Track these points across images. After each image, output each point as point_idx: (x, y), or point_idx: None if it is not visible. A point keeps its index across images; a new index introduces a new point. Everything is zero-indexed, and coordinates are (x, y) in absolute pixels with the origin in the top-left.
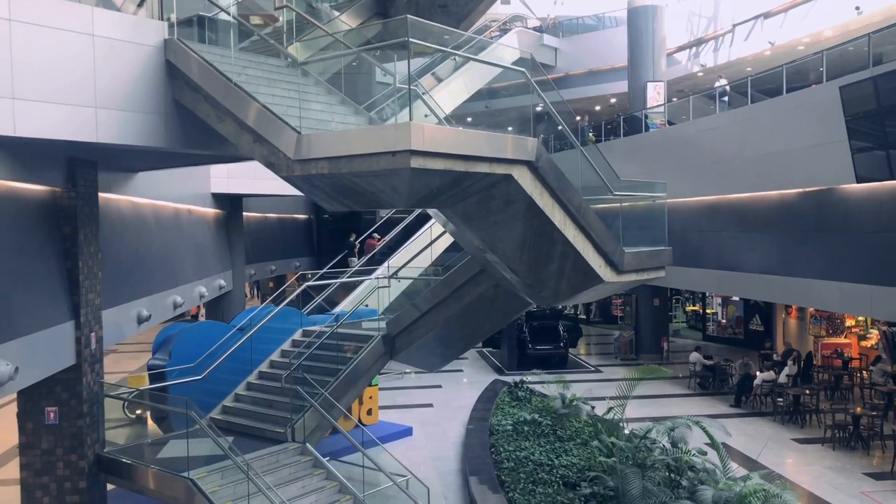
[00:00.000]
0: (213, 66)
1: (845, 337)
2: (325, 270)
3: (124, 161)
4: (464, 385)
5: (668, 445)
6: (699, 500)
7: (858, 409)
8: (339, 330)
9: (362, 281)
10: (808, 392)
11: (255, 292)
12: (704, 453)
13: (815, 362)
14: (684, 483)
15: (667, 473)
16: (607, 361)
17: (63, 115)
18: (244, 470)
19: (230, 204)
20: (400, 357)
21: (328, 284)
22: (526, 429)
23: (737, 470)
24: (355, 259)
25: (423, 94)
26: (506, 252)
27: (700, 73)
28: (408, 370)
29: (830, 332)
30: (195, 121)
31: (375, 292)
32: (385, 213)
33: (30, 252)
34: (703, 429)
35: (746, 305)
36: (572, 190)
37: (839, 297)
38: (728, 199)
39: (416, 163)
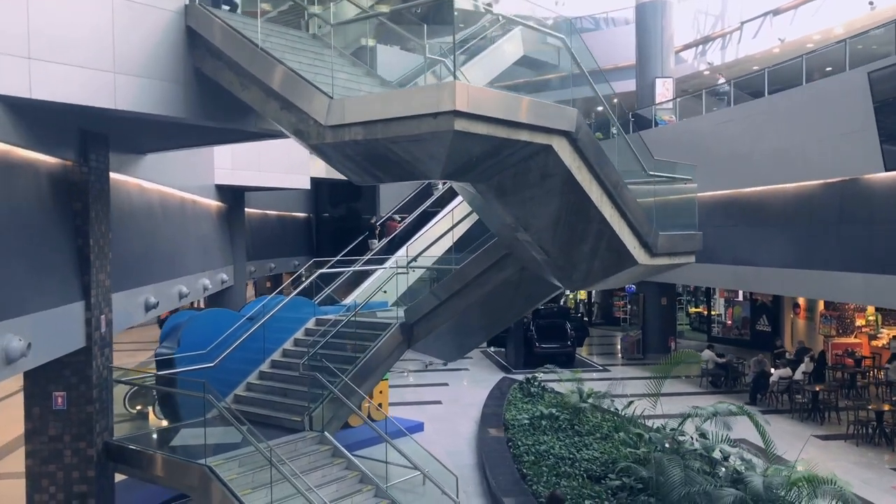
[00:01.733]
0: (238, 31)
1: (855, 337)
2: (339, 258)
3: (137, 138)
4: (471, 383)
5: (696, 438)
6: (750, 486)
7: (886, 406)
8: (356, 319)
9: (376, 269)
10: (825, 389)
11: (253, 292)
12: (735, 445)
13: (827, 361)
14: (720, 473)
15: (700, 464)
16: (613, 361)
17: (81, 78)
18: (267, 456)
19: (233, 197)
20: (418, 346)
21: (340, 273)
22: (544, 423)
23: (763, 464)
24: (375, 241)
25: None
26: (539, 231)
27: (706, 72)
28: (411, 368)
29: (840, 331)
30: (215, 91)
31: (391, 280)
32: (386, 214)
33: (40, 226)
34: (750, 416)
35: (753, 306)
36: (610, 166)
37: (864, 288)
38: (743, 193)
39: (459, 125)
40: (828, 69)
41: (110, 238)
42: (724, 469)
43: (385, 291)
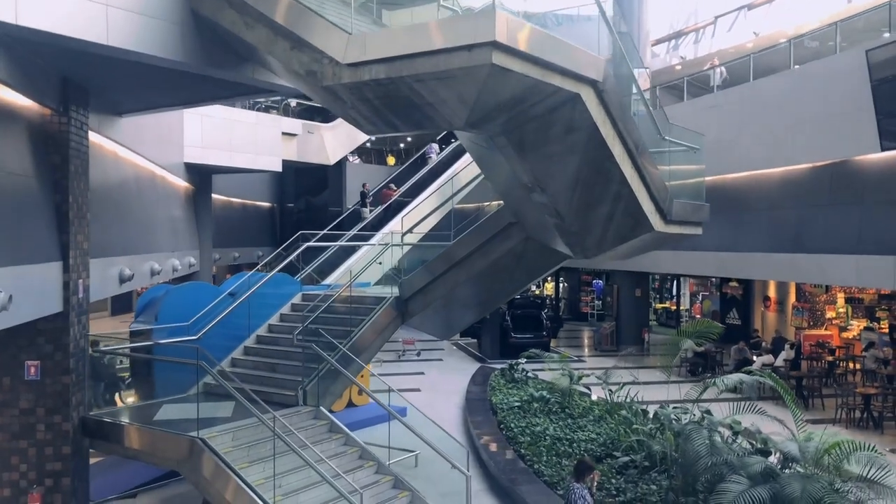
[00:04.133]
0: None
1: (826, 329)
2: (325, 231)
3: (119, 91)
4: (448, 372)
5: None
6: (786, 452)
7: (873, 390)
8: (349, 294)
9: (362, 245)
10: (808, 376)
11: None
12: (738, 423)
13: (802, 351)
14: (740, 445)
15: (719, 437)
16: (587, 353)
17: (71, 7)
18: (270, 426)
19: (200, 179)
20: (413, 322)
21: (326, 249)
22: (535, 405)
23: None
24: (367, 209)
25: None
26: (557, 191)
27: (679, 67)
28: (384, 359)
29: (812, 323)
30: (213, 37)
31: (386, 253)
32: (352, 207)
33: (19, 175)
34: (774, 380)
35: (723, 299)
36: (632, 123)
37: (856, 270)
38: (727, 179)
39: (497, 59)
40: (813, 43)
41: (89, 198)
42: (739, 443)
43: (381, 263)
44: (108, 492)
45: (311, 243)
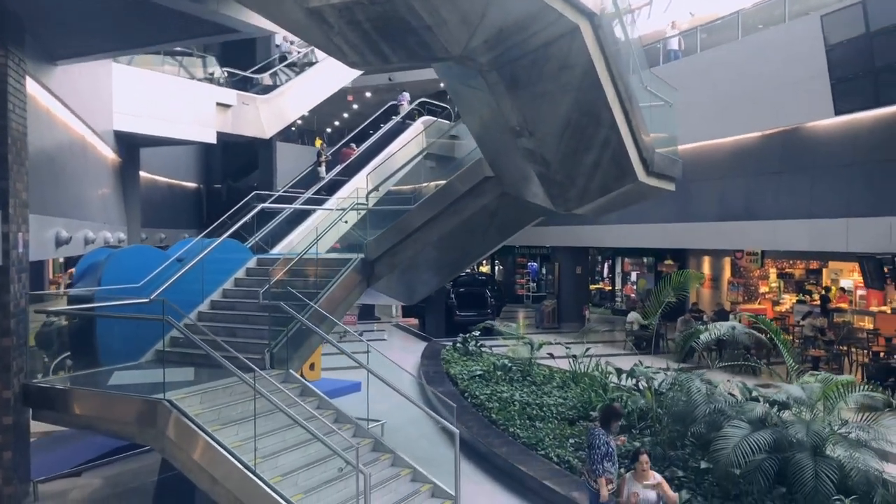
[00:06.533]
0: None
1: (760, 303)
2: (281, 192)
3: (60, 27)
4: (395, 350)
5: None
6: (791, 395)
7: (821, 353)
8: (310, 256)
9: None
10: (754, 346)
11: None
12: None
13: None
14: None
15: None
16: (530, 331)
17: None
18: (251, 383)
19: (128, 152)
20: (379, 286)
21: (280, 211)
22: (499, 373)
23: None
24: (323, 169)
25: None
26: (545, 135)
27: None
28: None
29: (746, 298)
30: None
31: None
32: (283, 188)
33: None
34: (768, 325)
35: (658, 277)
36: (624, 65)
37: (808, 234)
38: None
39: None
40: (759, 27)
41: (27, 145)
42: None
43: (346, 221)
44: (49, 470)
45: (266, 205)
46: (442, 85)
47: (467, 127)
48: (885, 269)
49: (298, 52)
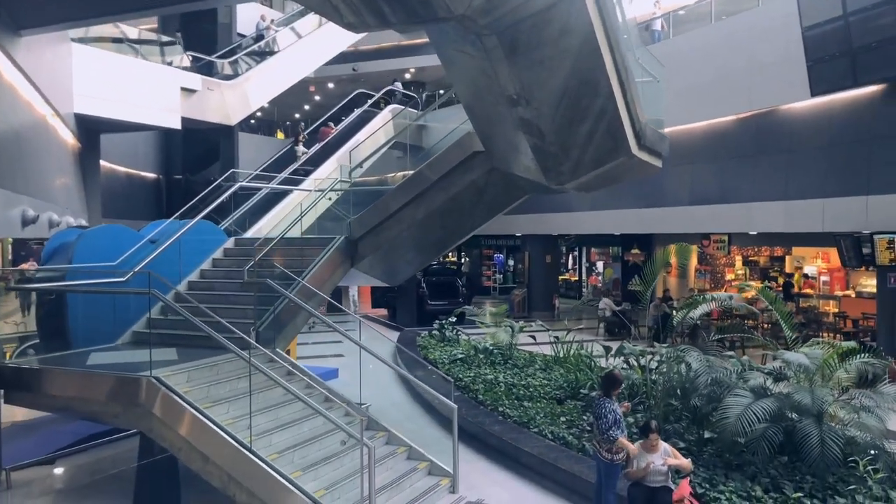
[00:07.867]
0: None
1: (726, 290)
2: (257, 171)
3: None
4: (368, 339)
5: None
6: (797, 363)
7: (796, 334)
8: (292, 235)
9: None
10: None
11: None
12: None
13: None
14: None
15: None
16: (499, 320)
17: None
18: (247, 358)
19: (87, 138)
20: (362, 265)
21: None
22: (480, 357)
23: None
24: (301, 147)
25: None
26: (542, 103)
27: None
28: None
29: (713, 285)
30: None
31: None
32: (245, 180)
33: None
34: (768, 296)
35: (625, 266)
36: (620, 33)
37: (784, 215)
38: None
39: None
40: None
41: None
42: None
43: (330, 199)
44: (22, 457)
45: (243, 182)
46: (407, 75)
47: (459, 97)
48: (863, 251)
49: (276, 31)
